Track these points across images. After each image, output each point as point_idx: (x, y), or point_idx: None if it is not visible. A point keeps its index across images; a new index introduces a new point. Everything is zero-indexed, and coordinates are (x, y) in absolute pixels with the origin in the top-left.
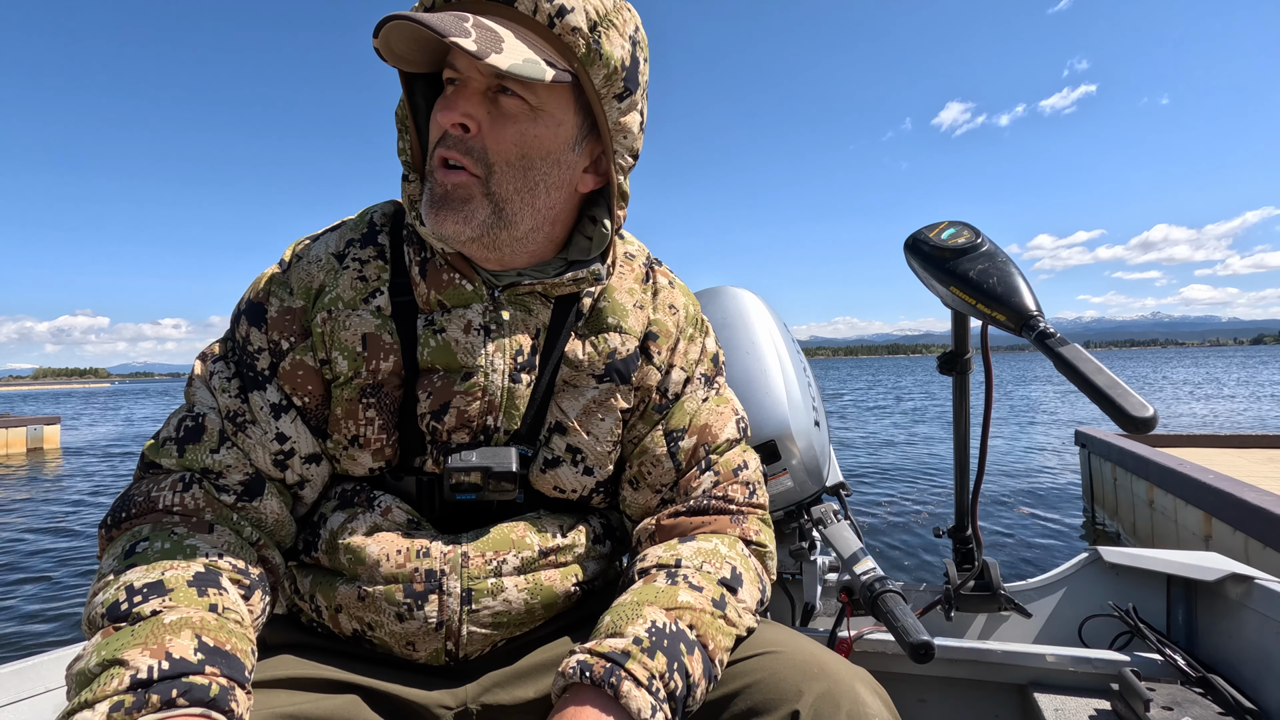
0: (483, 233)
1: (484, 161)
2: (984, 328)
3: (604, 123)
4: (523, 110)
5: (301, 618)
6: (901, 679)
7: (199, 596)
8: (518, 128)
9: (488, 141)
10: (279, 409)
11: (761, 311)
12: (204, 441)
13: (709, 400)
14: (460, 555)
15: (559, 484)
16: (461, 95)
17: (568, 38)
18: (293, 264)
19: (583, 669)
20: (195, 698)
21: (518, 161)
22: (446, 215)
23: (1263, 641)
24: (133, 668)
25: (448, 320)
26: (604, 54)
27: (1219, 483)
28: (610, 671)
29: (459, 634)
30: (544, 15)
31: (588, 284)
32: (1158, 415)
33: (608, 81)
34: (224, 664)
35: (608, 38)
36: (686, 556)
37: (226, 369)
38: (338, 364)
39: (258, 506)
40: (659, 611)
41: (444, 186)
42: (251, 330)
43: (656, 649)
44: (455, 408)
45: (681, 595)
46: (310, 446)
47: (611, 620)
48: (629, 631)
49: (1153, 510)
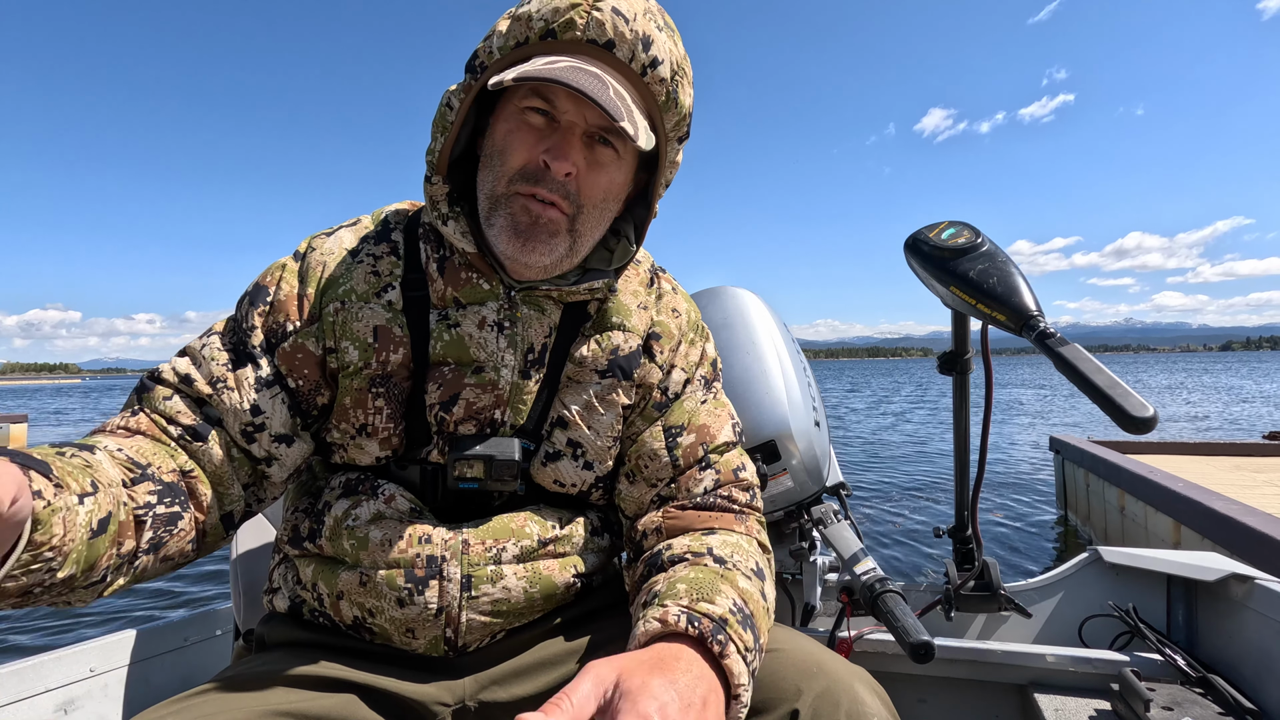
0: (558, 263)
1: (576, 203)
2: (984, 328)
3: (664, 160)
4: (613, 159)
5: (304, 609)
6: (902, 679)
7: (50, 448)
8: (608, 176)
9: (583, 187)
10: (264, 383)
11: (762, 312)
12: (157, 391)
13: (708, 402)
14: (461, 542)
15: (559, 478)
16: (571, 144)
17: (655, 87)
18: (307, 254)
19: (690, 620)
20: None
21: (600, 204)
22: (534, 245)
23: (1263, 641)
24: None
25: (462, 316)
26: (679, 102)
27: (1187, 490)
28: (718, 629)
29: (458, 621)
30: (639, 65)
31: (600, 293)
32: (1158, 415)
33: (677, 126)
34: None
35: (682, 87)
36: (716, 547)
37: (221, 341)
38: (347, 354)
39: (199, 449)
40: (734, 592)
41: (535, 216)
42: (252, 310)
43: (745, 625)
44: (464, 400)
45: (741, 582)
46: (283, 426)
47: (690, 589)
48: (720, 601)
49: (1124, 516)
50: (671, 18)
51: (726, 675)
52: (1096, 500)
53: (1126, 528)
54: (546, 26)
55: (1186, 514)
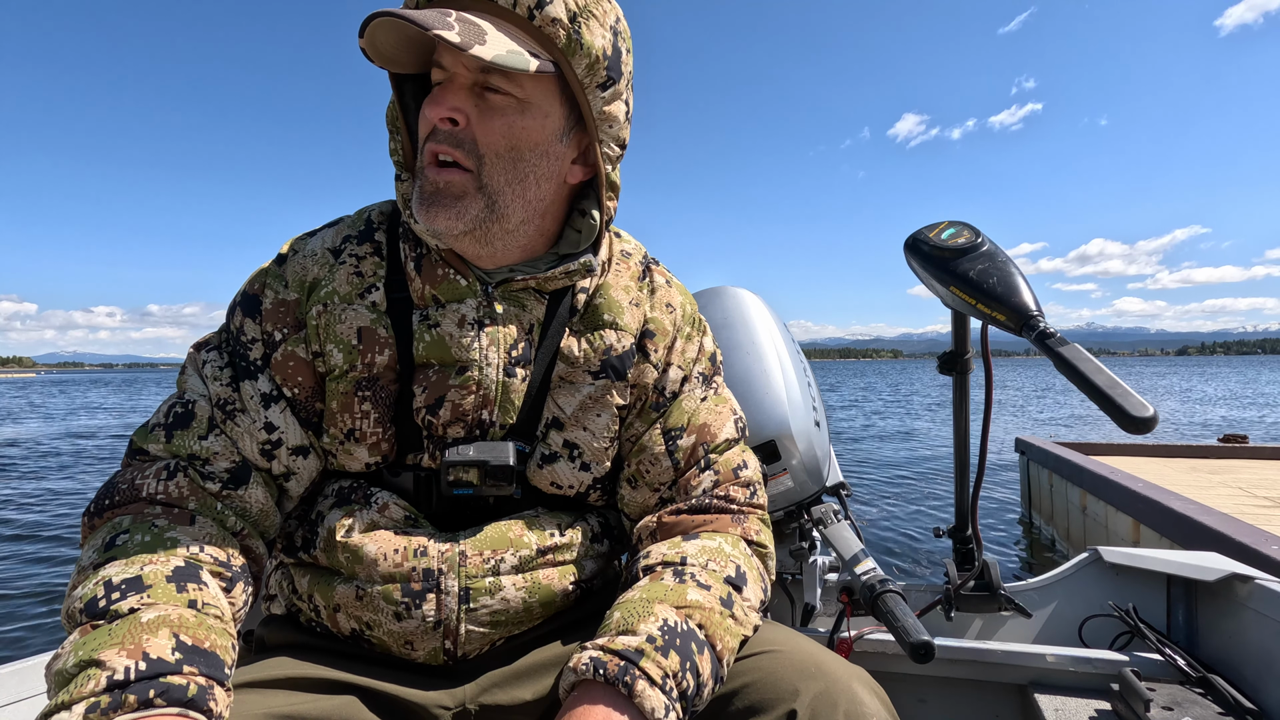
0: (475, 226)
1: (474, 154)
2: (984, 328)
3: (588, 112)
4: (509, 103)
5: (300, 617)
6: (901, 679)
7: (178, 593)
8: (505, 120)
9: (477, 134)
10: (269, 399)
11: (761, 311)
12: (193, 428)
13: (707, 400)
14: (458, 554)
15: (556, 480)
16: (449, 90)
17: (548, 29)
18: (289, 258)
19: (596, 666)
20: (173, 698)
21: (507, 153)
22: (439, 211)
23: (1263, 641)
24: (109, 668)
25: (442, 315)
26: (585, 44)
27: (1147, 491)
28: (624, 670)
29: (457, 633)
30: (523, 8)
31: (579, 276)
32: (1158, 415)
33: (590, 71)
34: (202, 663)
35: (588, 28)
36: (691, 554)
37: (220, 358)
38: (332, 357)
39: (243, 495)
40: (670, 609)
41: (435, 183)
42: (246, 321)
43: (670, 647)
44: (450, 401)
45: (690, 594)
46: (298, 438)
47: (622, 617)
48: (641, 629)
49: (1085, 516)
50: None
51: (641, 711)
52: (1060, 500)
53: (1088, 527)
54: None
55: (1146, 513)
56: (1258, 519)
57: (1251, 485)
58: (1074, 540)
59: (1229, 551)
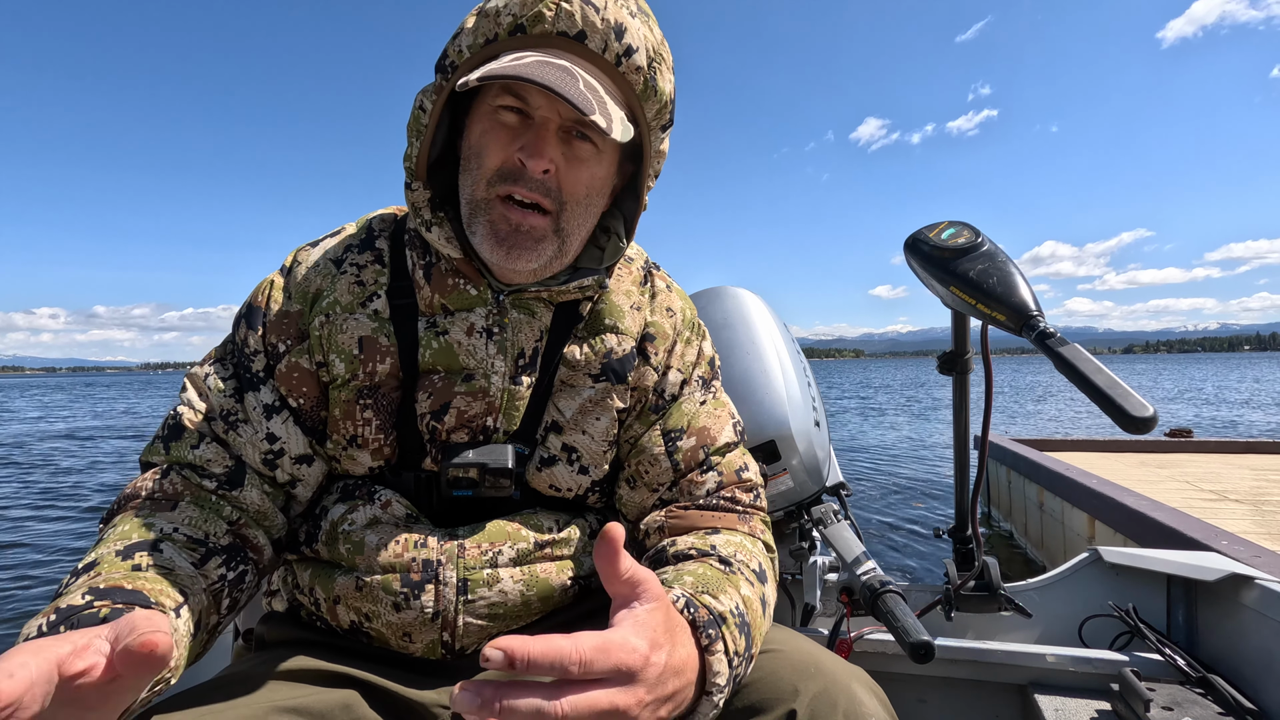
0: (547, 266)
1: (557, 200)
2: (984, 328)
3: (648, 150)
4: (592, 154)
5: (301, 613)
6: (901, 679)
7: (123, 561)
8: (589, 170)
9: (564, 183)
10: (271, 410)
11: (762, 312)
12: (184, 439)
13: (706, 403)
14: (457, 546)
15: (554, 482)
16: (547, 141)
17: (631, 76)
18: (292, 270)
19: (689, 605)
20: (81, 623)
21: (584, 199)
22: (520, 253)
23: (1263, 641)
24: (24, 635)
25: (450, 323)
26: (658, 90)
27: (1101, 487)
28: (712, 623)
29: (455, 625)
30: (612, 54)
31: (591, 291)
32: (1158, 415)
33: (658, 115)
34: (118, 596)
35: (660, 74)
36: (720, 546)
37: (224, 370)
38: (335, 366)
39: (238, 496)
40: (738, 596)
41: (515, 224)
42: (249, 333)
43: (742, 630)
44: (455, 408)
45: (744, 588)
46: (301, 447)
47: (698, 581)
48: (724, 600)
49: (1043, 512)
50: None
51: (705, 670)
52: (1018, 496)
53: (1045, 523)
54: (515, 21)
55: (1101, 510)
56: (1204, 512)
57: (1197, 479)
58: (1032, 537)
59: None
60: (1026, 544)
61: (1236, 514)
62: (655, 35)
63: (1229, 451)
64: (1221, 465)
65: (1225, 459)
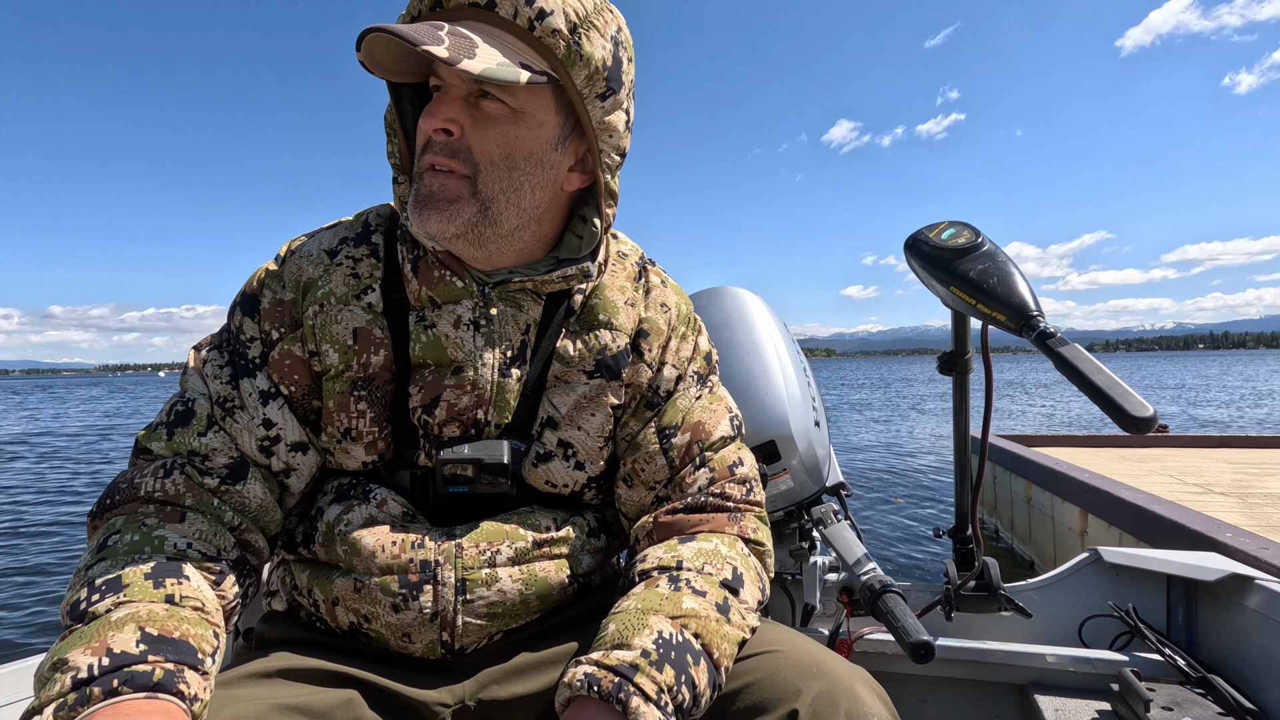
0: (467, 230)
1: (470, 162)
2: (984, 328)
3: (587, 122)
4: (504, 112)
5: (301, 613)
6: (901, 679)
7: (154, 588)
8: (499, 129)
9: (472, 143)
10: (267, 395)
11: (762, 311)
12: (192, 425)
13: (702, 398)
14: (454, 546)
15: (550, 478)
16: (443, 101)
17: (548, 40)
18: (287, 259)
19: (590, 682)
20: (138, 684)
21: (502, 161)
22: (431, 213)
23: (1263, 641)
24: (73, 668)
25: (438, 316)
26: (585, 55)
27: (1094, 481)
28: (619, 686)
29: (454, 624)
30: (524, 19)
31: (577, 281)
32: (1158, 415)
33: (589, 81)
34: (170, 650)
35: (588, 39)
36: (688, 558)
37: (220, 357)
38: (328, 356)
39: (241, 490)
40: (664, 620)
41: (429, 186)
42: (245, 320)
43: (664, 661)
44: (446, 401)
45: (686, 602)
46: (296, 435)
47: (616, 629)
48: (636, 643)
49: (1030, 507)
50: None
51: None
52: (1004, 492)
53: (1034, 518)
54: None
55: (1095, 504)
56: (1194, 507)
57: (1179, 472)
58: (1019, 532)
59: (1190, 541)
60: (1013, 539)
61: (1224, 507)
62: (586, 3)
63: (1205, 446)
64: (1199, 459)
65: (1202, 453)
